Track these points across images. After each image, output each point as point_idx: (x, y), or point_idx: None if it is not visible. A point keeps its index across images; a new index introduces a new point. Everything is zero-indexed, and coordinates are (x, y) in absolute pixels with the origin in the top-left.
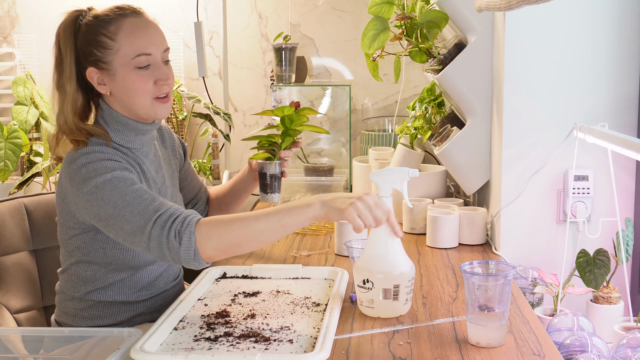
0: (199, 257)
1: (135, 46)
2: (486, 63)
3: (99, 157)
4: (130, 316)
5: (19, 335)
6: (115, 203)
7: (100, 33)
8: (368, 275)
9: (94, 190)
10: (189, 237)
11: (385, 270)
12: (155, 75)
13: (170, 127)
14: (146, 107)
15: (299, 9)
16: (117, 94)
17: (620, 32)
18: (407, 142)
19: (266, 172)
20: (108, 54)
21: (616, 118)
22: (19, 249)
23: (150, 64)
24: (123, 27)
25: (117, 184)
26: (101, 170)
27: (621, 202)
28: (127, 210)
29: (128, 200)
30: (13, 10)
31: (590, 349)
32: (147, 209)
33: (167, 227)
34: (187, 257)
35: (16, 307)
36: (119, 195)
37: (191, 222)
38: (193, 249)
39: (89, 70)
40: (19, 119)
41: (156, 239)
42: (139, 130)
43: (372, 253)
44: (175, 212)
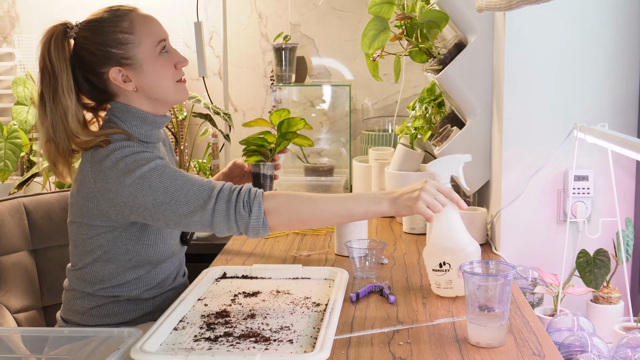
0: (266, 226)
1: (154, 34)
2: (486, 63)
3: (132, 150)
4: (139, 314)
5: (18, 335)
6: (166, 188)
7: (115, 32)
8: (445, 257)
9: (139, 180)
10: (258, 207)
11: (459, 248)
12: (174, 59)
13: (170, 127)
14: (171, 91)
15: (299, 9)
16: (145, 85)
17: (620, 32)
18: (407, 142)
19: (260, 173)
20: (130, 49)
21: (616, 118)
22: (19, 248)
23: (168, 49)
24: (136, 20)
25: (162, 171)
26: (141, 162)
27: (621, 202)
28: (182, 193)
29: (179, 184)
30: (13, 10)
31: (590, 349)
32: (203, 188)
33: (233, 200)
34: (256, 226)
35: (16, 306)
36: (169, 180)
37: (258, 194)
38: (262, 219)
39: (112, 70)
40: (19, 119)
41: (223, 212)
42: (155, 124)
43: (441, 236)
44: (235, 187)
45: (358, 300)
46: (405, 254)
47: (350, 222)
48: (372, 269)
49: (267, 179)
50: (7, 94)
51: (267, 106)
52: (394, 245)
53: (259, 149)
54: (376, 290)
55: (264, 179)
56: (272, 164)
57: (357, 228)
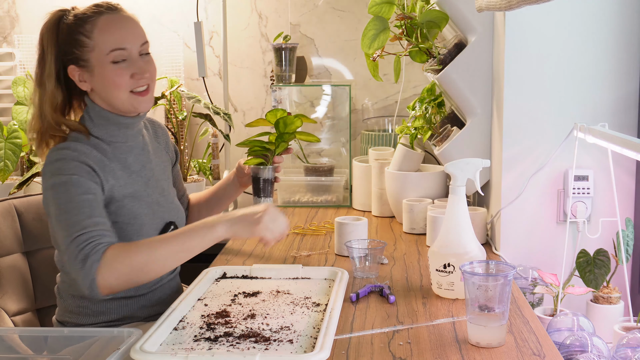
0: (95, 288)
1: (109, 42)
2: (486, 63)
3: (69, 156)
4: (132, 310)
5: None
6: (59, 207)
7: (78, 32)
8: (450, 259)
9: (50, 187)
10: (91, 264)
11: (465, 251)
12: (131, 69)
13: (170, 127)
14: (124, 101)
15: (299, 9)
16: (97, 89)
17: (620, 32)
18: (407, 142)
19: (260, 177)
20: (86, 52)
21: (616, 118)
22: (12, 251)
23: (126, 58)
24: (98, 24)
25: (69, 188)
26: (64, 171)
27: (621, 202)
28: (65, 217)
29: (69, 208)
30: (13, 10)
31: (590, 349)
32: (78, 223)
33: (80, 247)
34: (85, 283)
35: (12, 309)
36: (66, 200)
37: (99, 251)
38: (91, 277)
39: (70, 68)
40: (19, 119)
41: (70, 254)
42: (122, 124)
43: (449, 238)
44: (93, 237)
45: (358, 300)
46: (405, 254)
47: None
48: (372, 269)
49: (266, 183)
50: (7, 94)
51: (267, 106)
52: (394, 245)
53: (260, 152)
54: (376, 290)
55: (264, 184)
56: (271, 167)
57: (357, 228)
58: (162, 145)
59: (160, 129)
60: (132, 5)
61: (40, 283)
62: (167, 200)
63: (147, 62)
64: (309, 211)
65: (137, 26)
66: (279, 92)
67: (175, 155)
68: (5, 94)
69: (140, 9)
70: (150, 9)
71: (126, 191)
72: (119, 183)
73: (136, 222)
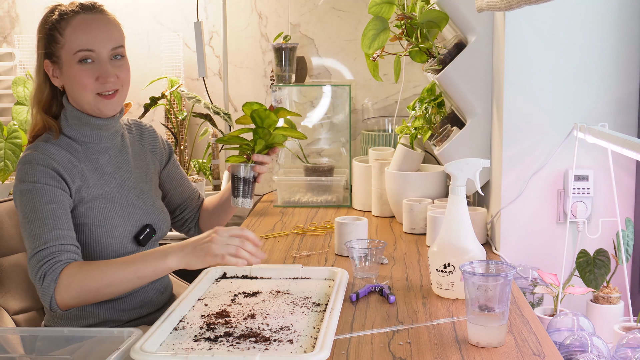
0: (54, 304)
1: (78, 42)
2: (486, 63)
3: (35, 159)
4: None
5: (18, 336)
6: (24, 215)
7: (55, 28)
8: (450, 259)
9: (18, 193)
10: (49, 283)
11: (465, 251)
12: (97, 72)
13: (170, 126)
14: (90, 102)
15: (299, 9)
16: (67, 88)
17: (620, 32)
18: (407, 142)
19: (236, 175)
20: (58, 49)
21: (616, 118)
22: (17, 250)
23: (94, 60)
24: (71, 23)
25: (34, 196)
26: (29, 177)
27: (621, 202)
28: (29, 227)
29: (33, 218)
30: (13, 10)
31: (590, 349)
32: (40, 236)
33: (40, 263)
34: (44, 299)
35: (15, 308)
36: (31, 209)
37: (57, 269)
38: (50, 295)
39: (45, 62)
40: (19, 119)
41: (31, 268)
42: (93, 125)
43: (449, 237)
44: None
45: (358, 300)
46: (405, 254)
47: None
48: (372, 269)
49: (243, 182)
50: (7, 94)
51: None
52: (394, 245)
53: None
54: (376, 290)
55: (239, 183)
56: (250, 166)
57: (357, 228)
58: (147, 148)
59: (147, 132)
60: (132, 5)
61: None
62: (146, 203)
63: (117, 66)
64: (309, 211)
65: (112, 29)
66: (279, 92)
67: (169, 156)
68: (5, 94)
69: (140, 9)
70: (150, 9)
71: (96, 192)
72: (88, 184)
73: (107, 223)
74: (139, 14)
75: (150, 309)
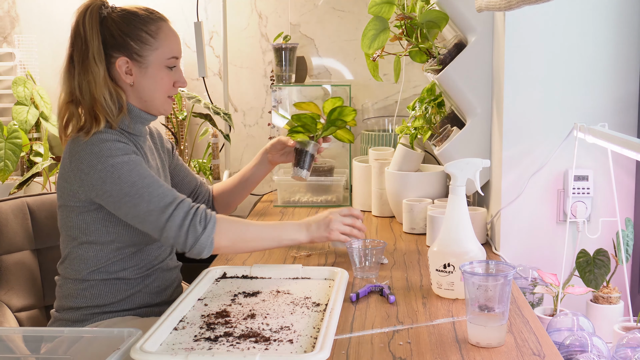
0: (212, 246)
1: (172, 49)
2: (486, 63)
3: (110, 137)
4: (129, 294)
5: (18, 335)
6: (133, 182)
7: (140, 29)
8: (450, 259)
9: (110, 168)
10: (212, 226)
11: (465, 251)
12: (176, 77)
13: (170, 126)
14: (161, 102)
15: (299, 9)
16: (140, 86)
17: (620, 32)
18: (407, 142)
19: (306, 150)
20: (146, 49)
21: (616, 118)
22: (22, 247)
23: (176, 66)
24: (163, 29)
25: (134, 166)
26: (117, 151)
27: (621, 202)
28: (147, 191)
29: (147, 182)
30: (13, 10)
31: (590, 349)
32: (167, 194)
33: (192, 213)
34: (205, 243)
35: (17, 305)
36: (138, 176)
37: (214, 215)
38: (211, 238)
39: (120, 59)
40: (19, 119)
41: (178, 220)
42: (142, 119)
43: (449, 237)
44: (195, 204)
45: (358, 300)
46: (405, 254)
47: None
48: (372, 269)
49: (308, 156)
50: (7, 94)
51: (267, 106)
52: (394, 245)
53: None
54: (376, 290)
55: (306, 156)
56: (316, 144)
57: None
58: (159, 145)
59: (154, 130)
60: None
61: (50, 280)
62: None
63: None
64: (309, 211)
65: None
66: (279, 92)
67: (172, 147)
68: (5, 94)
69: None
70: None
71: None
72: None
73: None
74: None
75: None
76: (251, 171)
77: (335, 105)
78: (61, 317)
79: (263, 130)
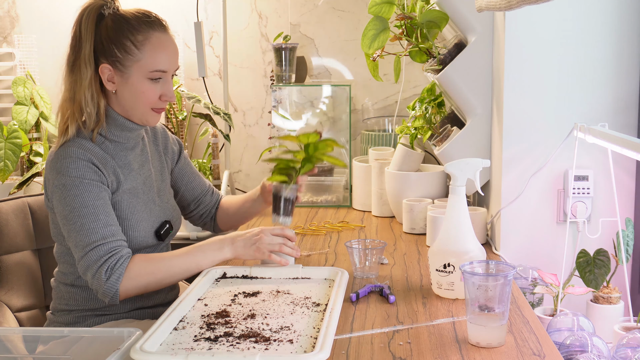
0: (117, 297)
1: (156, 62)
2: (486, 63)
3: (76, 154)
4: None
5: (18, 335)
6: (73, 208)
7: (127, 37)
8: (450, 259)
9: (60, 187)
10: (117, 277)
11: (465, 251)
12: (162, 90)
13: (170, 127)
14: (142, 114)
15: (299, 9)
16: (122, 95)
17: (620, 32)
18: (407, 142)
19: (282, 195)
20: (128, 59)
21: (616, 118)
22: (22, 247)
23: (162, 78)
24: (151, 40)
25: (82, 191)
26: (73, 171)
27: (621, 202)
28: (80, 222)
29: (84, 213)
30: (13, 10)
31: (590, 349)
32: (97, 231)
33: (103, 259)
34: (107, 293)
35: (18, 305)
36: (80, 204)
37: (123, 264)
38: (115, 289)
39: (103, 66)
40: (19, 119)
41: (88, 263)
42: (126, 128)
43: (449, 237)
44: (115, 249)
45: (358, 300)
46: (405, 254)
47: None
48: (372, 269)
49: (287, 202)
50: (7, 94)
51: (267, 106)
52: (394, 245)
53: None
54: (376, 290)
55: (284, 203)
56: (294, 187)
57: None
58: (161, 148)
59: (160, 132)
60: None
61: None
62: (163, 200)
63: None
64: (309, 211)
65: (177, 51)
66: (279, 92)
67: (179, 153)
68: (5, 94)
69: None
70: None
71: (125, 187)
72: (119, 179)
73: (133, 217)
74: None
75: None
76: (249, 204)
77: (309, 141)
78: (55, 319)
79: (263, 130)
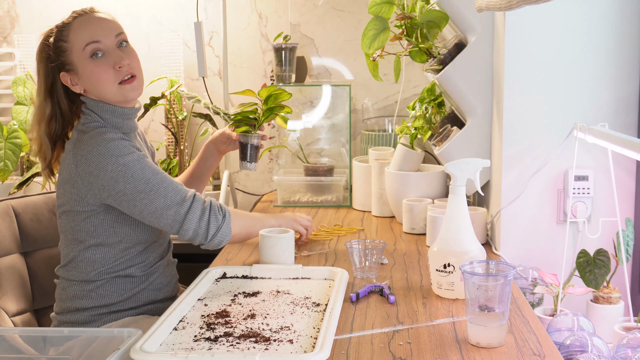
0: (230, 234)
1: (83, 38)
2: (486, 63)
3: (114, 137)
4: (135, 292)
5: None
6: (147, 179)
7: (59, 40)
8: (450, 259)
9: (121, 167)
10: (229, 215)
11: (465, 251)
12: (111, 61)
13: (170, 127)
14: (114, 93)
15: (299, 9)
16: (88, 88)
17: (620, 32)
18: (407, 142)
19: (248, 143)
20: (67, 56)
21: (616, 118)
22: (10, 251)
23: (103, 51)
24: (72, 27)
25: (145, 163)
26: (124, 150)
27: (621, 202)
28: (162, 186)
29: (160, 178)
30: (13, 10)
31: (590, 349)
32: (181, 188)
33: (208, 204)
34: (225, 232)
35: (12, 310)
36: (151, 172)
37: (223, 207)
38: (230, 227)
39: (62, 75)
40: (19, 119)
41: (198, 212)
42: (125, 115)
43: (449, 237)
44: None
45: (358, 300)
46: (405, 254)
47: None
48: (372, 269)
49: (253, 148)
50: (7, 94)
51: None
52: (394, 245)
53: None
54: (376, 290)
55: (251, 149)
56: (259, 134)
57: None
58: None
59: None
60: (132, 5)
61: (38, 283)
62: None
63: (126, 52)
64: (309, 211)
65: (109, 21)
66: None
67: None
68: (5, 94)
69: (140, 10)
70: (150, 9)
71: None
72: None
73: None
74: (138, 14)
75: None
76: (202, 164)
77: (270, 93)
78: (66, 320)
79: None
